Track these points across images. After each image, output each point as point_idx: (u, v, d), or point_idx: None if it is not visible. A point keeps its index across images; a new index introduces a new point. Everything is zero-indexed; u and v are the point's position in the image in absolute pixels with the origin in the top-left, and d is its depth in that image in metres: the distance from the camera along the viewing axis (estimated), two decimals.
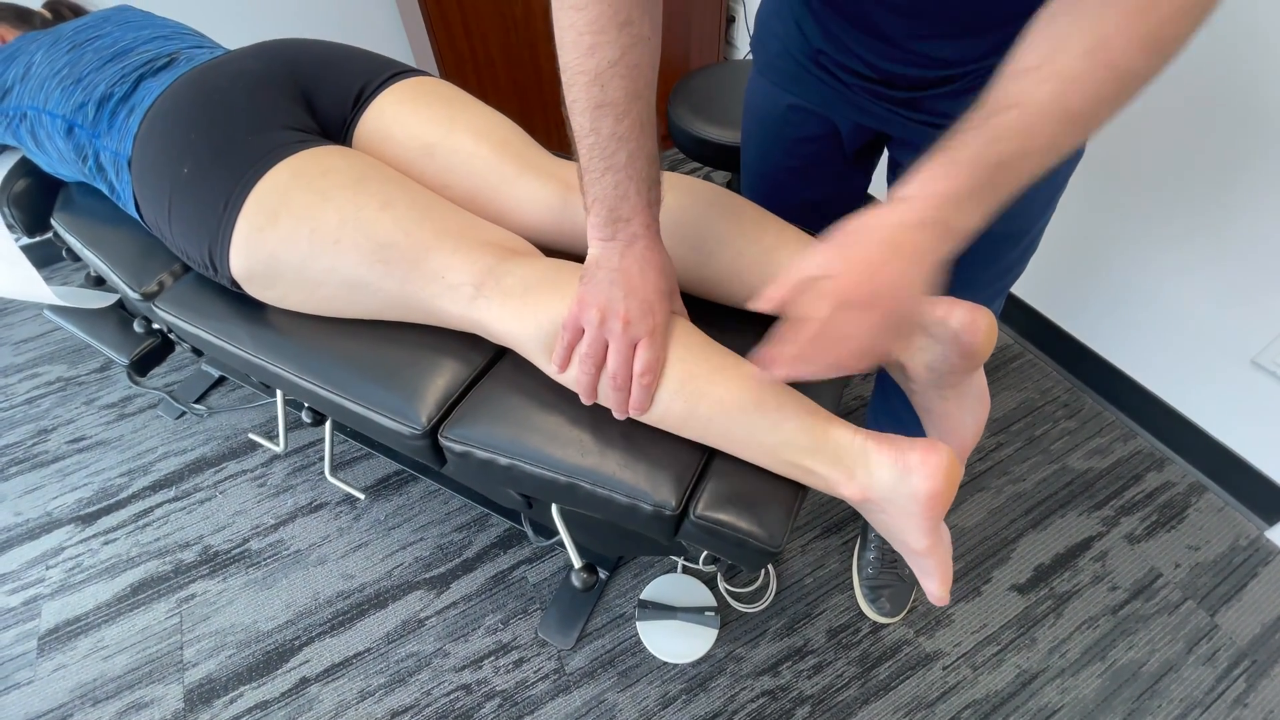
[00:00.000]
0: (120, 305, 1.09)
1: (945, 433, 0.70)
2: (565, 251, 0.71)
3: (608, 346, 0.53)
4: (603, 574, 1.14)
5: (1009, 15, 0.54)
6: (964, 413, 0.68)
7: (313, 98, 0.75)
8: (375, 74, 0.78)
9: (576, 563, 0.74)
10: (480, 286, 0.60)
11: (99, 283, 1.10)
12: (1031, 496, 1.25)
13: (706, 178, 1.79)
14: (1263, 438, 1.17)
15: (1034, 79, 0.40)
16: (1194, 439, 1.26)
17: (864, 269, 0.42)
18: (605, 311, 0.52)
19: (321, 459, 1.32)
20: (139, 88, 0.77)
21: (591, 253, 0.54)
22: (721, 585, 1.13)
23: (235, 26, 1.45)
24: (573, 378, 0.57)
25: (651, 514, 0.56)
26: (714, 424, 0.56)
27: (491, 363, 0.67)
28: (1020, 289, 1.46)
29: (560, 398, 0.61)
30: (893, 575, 1.10)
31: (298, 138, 0.68)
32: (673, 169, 1.74)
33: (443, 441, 0.62)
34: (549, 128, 1.78)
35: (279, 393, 1.02)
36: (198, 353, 0.94)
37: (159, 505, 1.27)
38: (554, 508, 0.71)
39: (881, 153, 0.79)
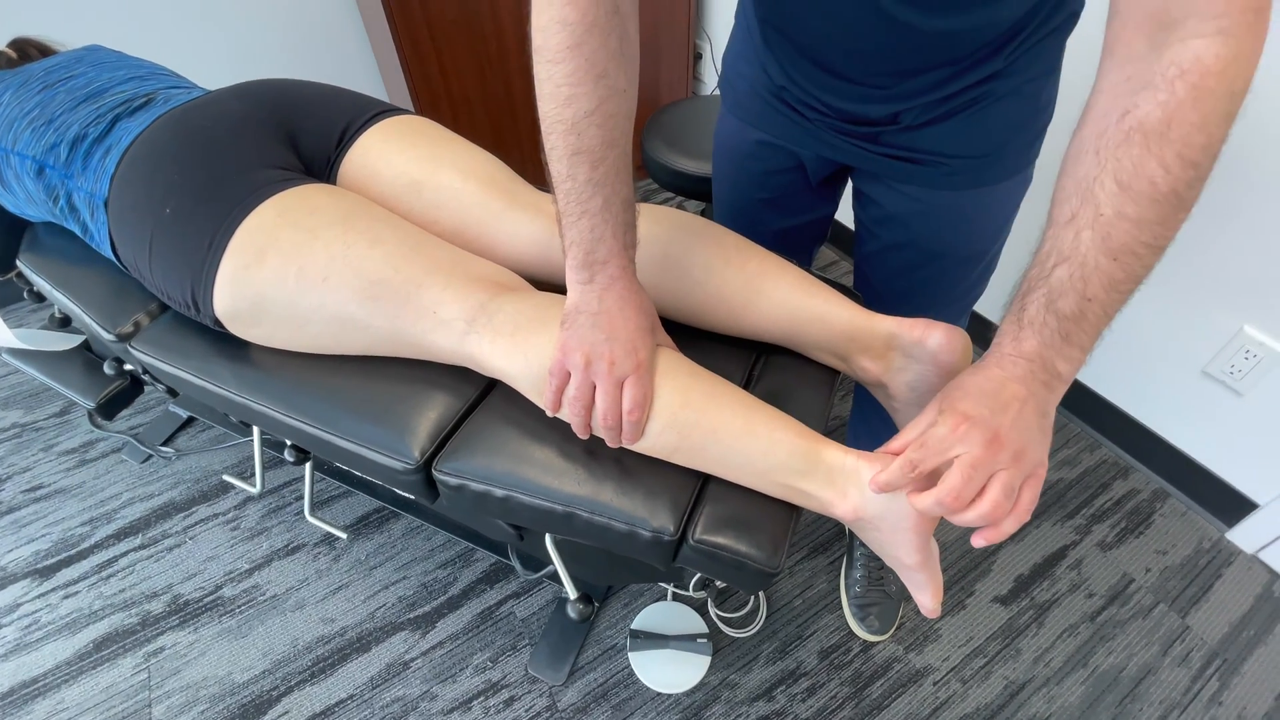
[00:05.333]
0: (86, 347, 1.06)
1: None
2: (553, 284, 0.72)
3: (595, 388, 0.54)
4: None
5: (941, 61, 0.59)
6: None
7: (297, 137, 0.76)
8: (360, 113, 0.79)
9: (572, 594, 0.73)
10: (472, 322, 0.61)
11: (64, 324, 1.06)
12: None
13: (680, 207, 1.83)
14: (1218, 444, 1.23)
15: (1073, 230, 0.42)
16: (1154, 447, 1.32)
17: (992, 430, 0.43)
18: (590, 355, 0.53)
19: (297, 499, 1.29)
20: (115, 128, 0.76)
21: (570, 297, 0.55)
22: (712, 611, 1.12)
23: (209, 64, 1.46)
24: (564, 417, 0.57)
25: (650, 540, 0.56)
26: (708, 451, 0.57)
27: (483, 395, 0.68)
28: (985, 307, 1.52)
29: (553, 428, 0.62)
30: (880, 593, 1.12)
31: (283, 176, 0.69)
32: (646, 199, 1.78)
33: (436, 475, 0.62)
34: (524, 163, 1.80)
35: (256, 431, 0.99)
36: (172, 393, 0.91)
37: (124, 554, 1.21)
38: (548, 539, 0.71)
39: (845, 182, 0.83)
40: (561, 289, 0.67)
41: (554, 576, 0.99)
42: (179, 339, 0.75)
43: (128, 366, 0.92)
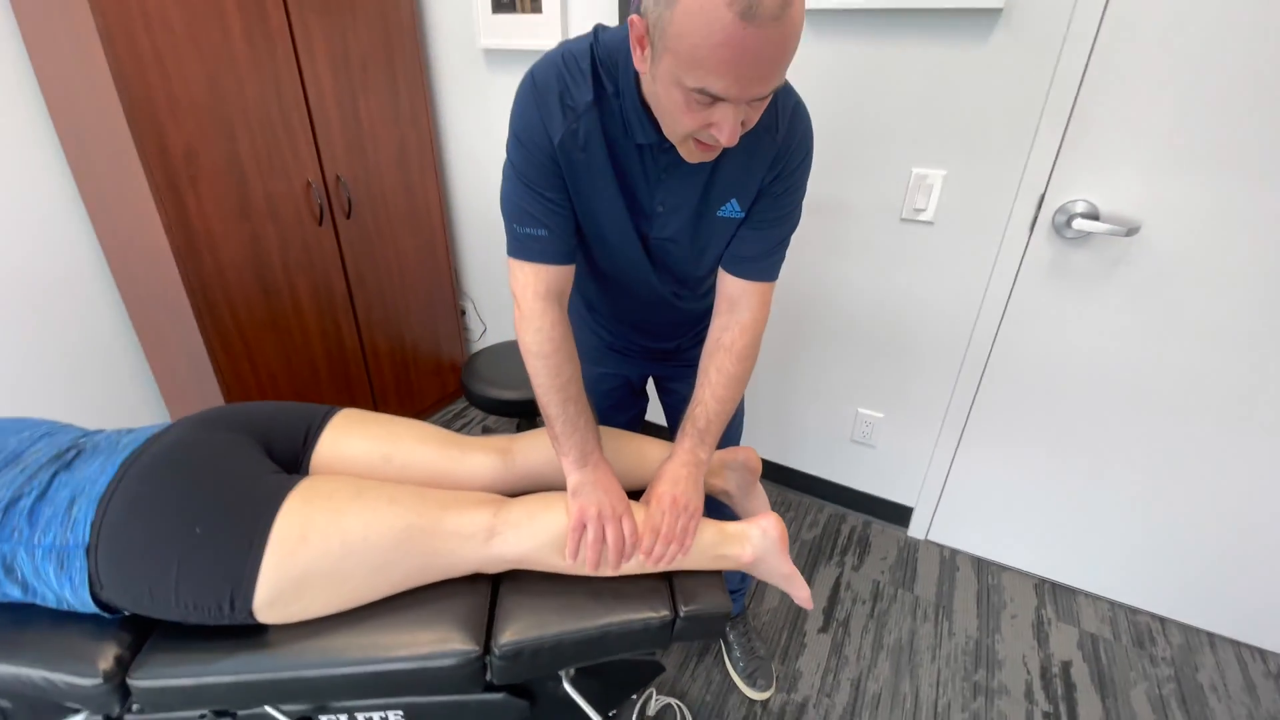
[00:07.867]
0: None
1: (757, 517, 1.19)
2: (512, 495, 1.01)
3: (604, 530, 0.87)
4: None
5: (699, 317, 1.16)
6: (759, 504, 1.18)
7: (270, 446, 0.94)
8: (310, 417, 1.00)
9: (599, 719, 0.94)
10: (492, 530, 0.87)
11: None
12: (796, 566, 1.82)
13: (489, 426, 2.15)
14: (878, 480, 1.99)
15: (702, 390, 0.96)
16: (849, 495, 2.04)
17: (670, 492, 0.91)
18: (599, 507, 0.86)
19: None
20: (54, 482, 0.84)
21: (573, 479, 0.89)
22: None
23: None
24: (581, 560, 0.87)
25: (660, 626, 0.87)
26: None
27: (495, 587, 0.91)
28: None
29: (560, 586, 0.89)
30: (757, 660, 1.49)
31: (284, 479, 0.87)
32: (471, 422, 2.08)
33: (497, 653, 0.83)
34: None
35: None
36: None
37: None
38: (565, 682, 0.93)
39: (648, 384, 1.34)
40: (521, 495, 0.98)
41: None
42: (183, 654, 0.80)
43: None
